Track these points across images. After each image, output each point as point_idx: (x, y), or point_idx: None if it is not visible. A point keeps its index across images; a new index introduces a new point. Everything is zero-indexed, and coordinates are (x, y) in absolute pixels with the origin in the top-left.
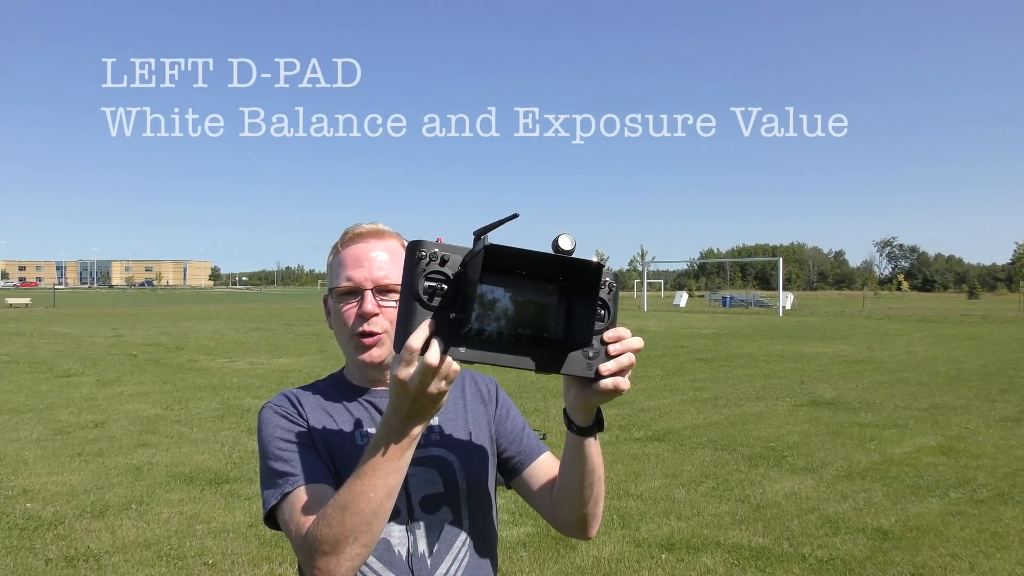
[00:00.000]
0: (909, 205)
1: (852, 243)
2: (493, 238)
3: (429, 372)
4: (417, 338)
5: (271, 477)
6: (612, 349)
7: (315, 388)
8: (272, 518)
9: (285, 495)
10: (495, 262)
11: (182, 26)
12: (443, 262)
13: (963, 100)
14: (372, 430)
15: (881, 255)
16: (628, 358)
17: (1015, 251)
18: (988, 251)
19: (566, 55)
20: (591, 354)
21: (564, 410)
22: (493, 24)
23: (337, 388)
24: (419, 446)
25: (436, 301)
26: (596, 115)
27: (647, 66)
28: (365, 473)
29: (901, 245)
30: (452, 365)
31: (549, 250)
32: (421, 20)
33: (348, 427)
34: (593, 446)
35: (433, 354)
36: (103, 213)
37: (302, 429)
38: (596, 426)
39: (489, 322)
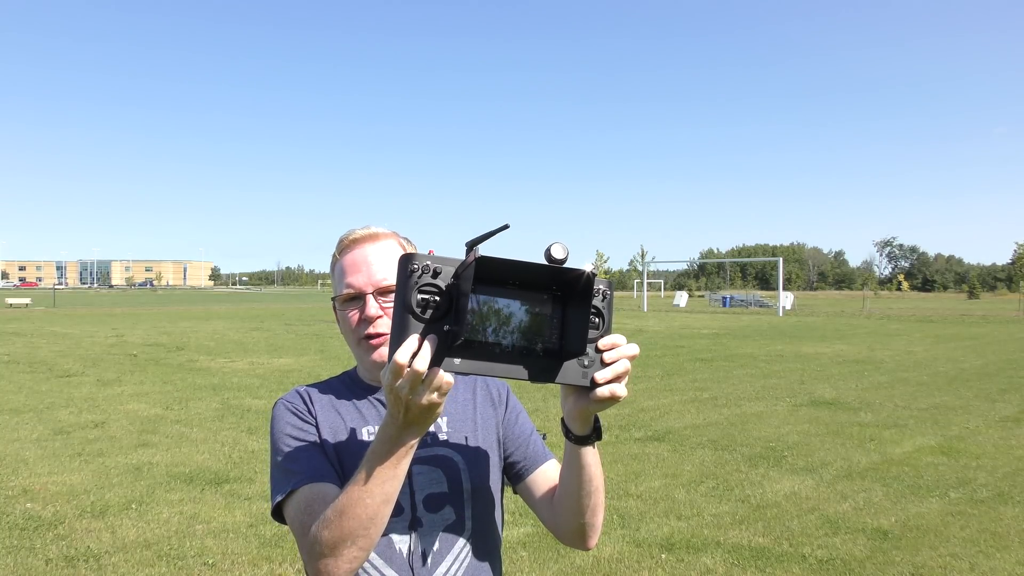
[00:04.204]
0: (909, 205)
1: (852, 243)
2: (492, 248)
3: (421, 385)
4: (405, 352)
5: (279, 473)
6: (607, 356)
7: (328, 385)
8: (279, 513)
9: (290, 493)
10: (487, 273)
11: (183, 26)
12: (435, 274)
13: (963, 100)
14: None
15: (881, 255)
16: (623, 365)
17: (1015, 251)
18: (988, 251)
19: (567, 55)
20: (586, 362)
21: (562, 419)
22: (493, 23)
23: (348, 386)
24: (425, 445)
25: (429, 313)
26: (597, 114)
27: (647, 66)
28: (362, 480)
29: (901, 245)
30: (444, 377)
31: (542, 258)
32: (421, 19)
33: (356, 425)
34: (591, 455)
35: (423, 367)
36: (103, 213)
37: (311, 427)
38: (594, 435)
39: (483, 333)
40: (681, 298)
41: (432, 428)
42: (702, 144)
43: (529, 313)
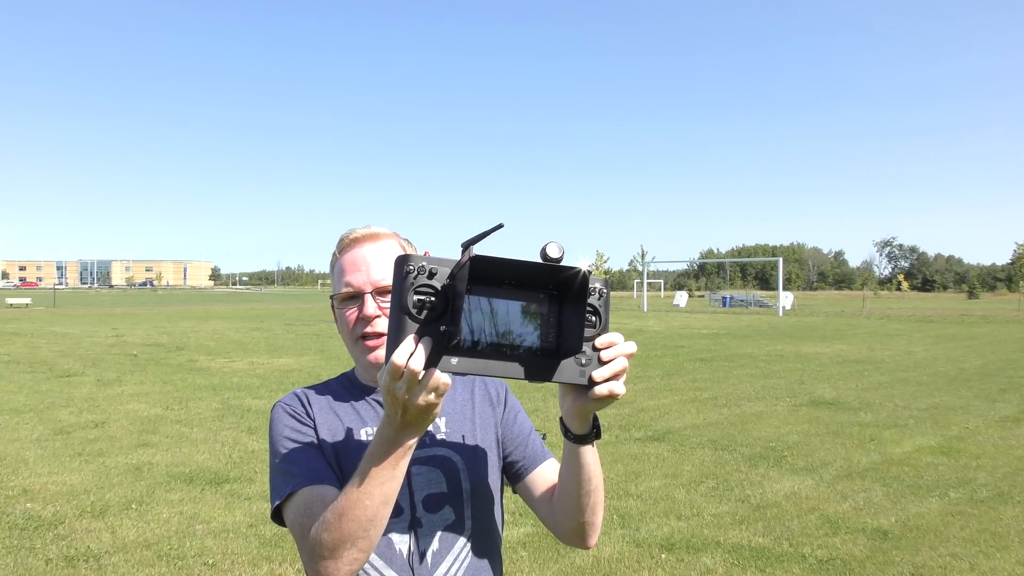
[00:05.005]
0: (909, 205)
1: (852, 243)
2: (489, 248)
3: (417, 385)
4: (402, 353)
5: (278, 476)
6: (605, 355)
7: (326, 387)
8: (278, 515)
9: (289, 495)
10: (483, 273)
11: (182, 25)
12: (431, 275)
13: (963, 100)
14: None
15: (881, 255)
16: (621, 363)
17: (1015, 251)
18: (988, 251)
19: (568, 54)
20: (584, 361)
21: (560, 418)
22: (495, 22)
23: (346, 387)
24: (424, 445)
25: (425, 314)
26: (596, 114)
27: (647, 64)
28: (361, 481)
29: (901, 245)
30: (441, 378)
31: (538, 258)
32: (419, 16)
33: (354, 426)
34: (590, 454)
35: (420, 368)
36: (103, 213)
37: (309, 429)
38: (593, 433)
39: (479, 333)
40: (681, 298)
41: (431, 428)
42: (702, 144)
43: (525, 312)
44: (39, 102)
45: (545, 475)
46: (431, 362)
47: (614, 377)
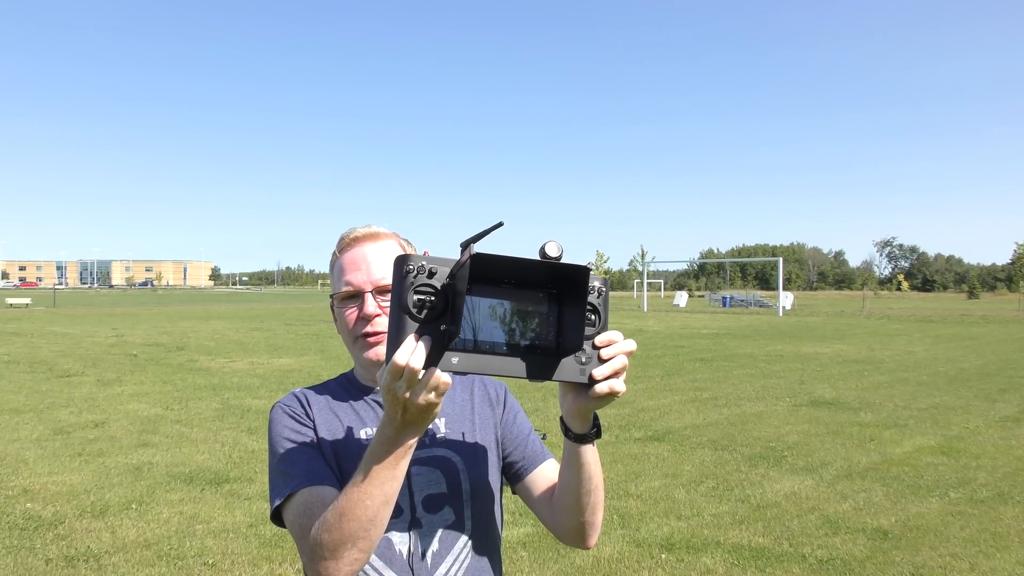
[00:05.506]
0: (909, 205)
1: (852, 243)
2: (489, 248)
3: (418, 385)
4: (404, 353)
5: (277, 477)
6: (604, 353)
7: (325, 387)
8: (278, 516)
9: (289, 496)
10: (483, 272)
11: (182, 24)
12: (431, 274)
13: (963, 100)
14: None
15: (881, 255)
16: (621, 361)
17: (1015, 251)
18: (988, 251)
19: (568, 53)
20: (584, 359)
21: (561, 418)
22: (495, 21)
23: (346, 388)
24: (424, 446)
25: (425, 314)
26: (597, 114)
27: (646, 64)
28: (362, 481)
29: (901, 245)
30: (441, 377)
31: (536, 257)
32: (419, 14)
33: (353, 426)
34: (591, 453)
35: (420, 367)
36: (103, 213)
37: (309, 429)
38: (594, 433)
39: (479, 332)
40: (681, 298)
41: (430, 428)
42: (702, 144)
43: (525, 311)
44: (39, 102)
45: (545, 475)
46: (431, 361)
47: (614, 375)
